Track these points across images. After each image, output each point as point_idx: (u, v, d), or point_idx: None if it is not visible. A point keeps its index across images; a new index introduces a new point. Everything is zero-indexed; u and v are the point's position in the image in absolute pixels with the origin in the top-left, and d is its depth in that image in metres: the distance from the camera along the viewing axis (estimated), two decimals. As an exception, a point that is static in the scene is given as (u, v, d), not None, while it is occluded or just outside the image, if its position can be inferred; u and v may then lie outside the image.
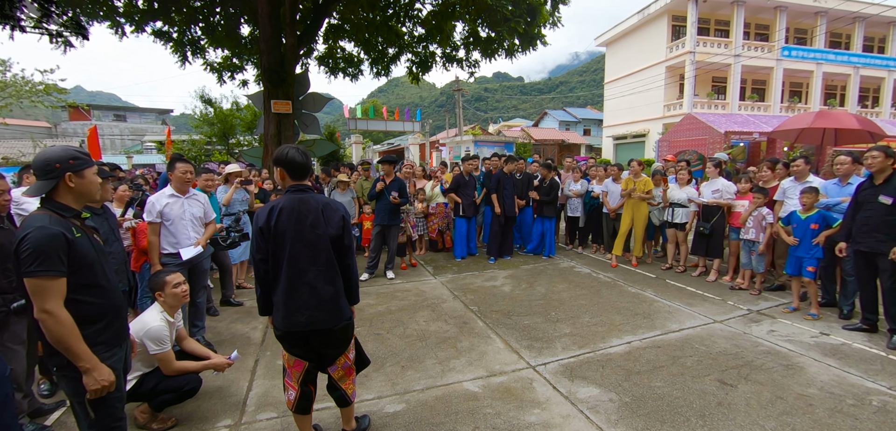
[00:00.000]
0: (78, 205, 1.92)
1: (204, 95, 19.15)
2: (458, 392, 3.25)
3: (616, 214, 7.05)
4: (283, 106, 8.60)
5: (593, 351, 3.90)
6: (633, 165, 6.79)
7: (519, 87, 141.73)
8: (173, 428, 2.80)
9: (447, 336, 4.30)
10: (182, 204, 3.89)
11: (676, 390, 3.21)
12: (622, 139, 26.89)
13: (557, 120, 42.38)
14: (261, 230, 2.29)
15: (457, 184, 7.22)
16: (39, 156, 1.85)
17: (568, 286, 5.89)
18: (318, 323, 2.31)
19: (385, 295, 5.59)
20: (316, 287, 2.30)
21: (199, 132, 19.31)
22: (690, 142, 15.63)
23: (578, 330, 4.40)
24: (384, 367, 3.67)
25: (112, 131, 31.14)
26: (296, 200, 2.30)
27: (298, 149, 2.35)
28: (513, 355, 3.88)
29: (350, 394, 2.56)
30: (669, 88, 24.14)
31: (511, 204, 7.17)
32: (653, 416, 2.90)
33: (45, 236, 1.71)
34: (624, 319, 4.66)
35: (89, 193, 1.96)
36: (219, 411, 3.02)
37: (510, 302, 5.28)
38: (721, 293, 5.47)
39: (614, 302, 5.22)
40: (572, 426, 2.82)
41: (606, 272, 6.57)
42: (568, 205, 7.95)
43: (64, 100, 16.58)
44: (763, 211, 5.20)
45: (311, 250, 2.29)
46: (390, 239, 6.44)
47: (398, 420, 2.91)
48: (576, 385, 3.33)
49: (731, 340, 4.09)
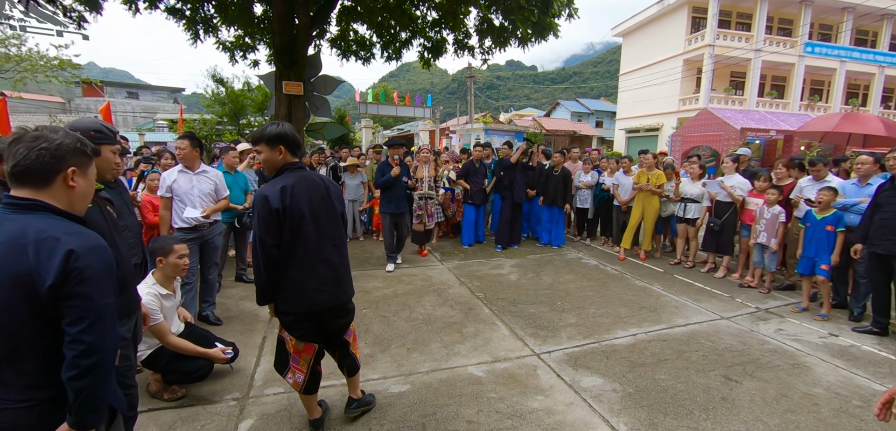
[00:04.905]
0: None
1: (216, 74, 19.19)
2: (463, 376, 3.29)
3: (626, 207, 7.00)
4: (295, 87, 8.60)
5: (598, 342, 3.91)
6: (647, 158, 6.71)
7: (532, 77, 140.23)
8: (183, 400, 2.88)
9: (453, 321, 4.34)
10: (190, 179, 3.95)
11: (680, 383, 3.21)
12: (635, 132, 26.54)
13: (570, 111, 41.88)
14: (277, 212, 2.14)
15: (466, 171, 7.21)
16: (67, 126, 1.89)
17: (575, 277, 5.88)
18: (338, 297, 2.36)
19: (392, 279, 5.64)
20: (332, 262, 2.32)
21: (211, 111, 19.41)
22: (705, 138, 15.37)
23: (584, 320, 4.40)
24: (390, 349, 3.72)
25: (125, 108, 31.40)
26: (301, 177, 2.27)
27: (289, 125, 2.30)
28: (517, 342, 3.90)
29: (358, 358, 2.68)
30: (686, 82, 23.70)
31: (520, 190, 7.14)
32: (656, 408, 2.91)
33: None
34: (630, 312, 4.65)
35: (102, 169, 1.99)
36: (227, 385, 3.09)
37: (516, 290, 5.30)
38: (729, 290, 5.43)
39: (621, 294, 5.20)
40: (575, 414, 2.85)
41: (614, 264, 6.54)
42: (577, 196, 7.90)
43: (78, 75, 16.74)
44: (776, 210, 5.13)
45: (326, 226, 2.31)
46: (402, 227, 6.22)
47: (403, 400, 2.96)
48: (580, 374, 3.35)
49: (738, 337, 4.06)
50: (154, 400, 2.86)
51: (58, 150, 1.30)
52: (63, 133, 1.33)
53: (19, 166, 1.26)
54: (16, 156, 1.26)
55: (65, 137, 1.33)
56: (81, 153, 1.37)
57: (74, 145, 1.35)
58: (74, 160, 1.34)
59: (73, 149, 1.34)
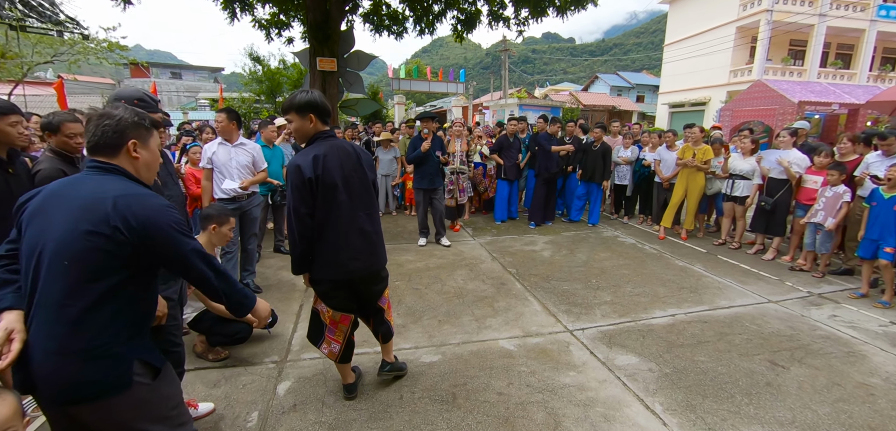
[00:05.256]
0: None
1: (252, 53, 19.67)
2: (494, 349, 3.29)
3: (669, 184, 6.69)
4: (328, 63, 8.68)
5: (634, 321, 3.80)
6: (694, 132, 6.34)
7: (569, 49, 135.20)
8: (226, 361, 3.04)
9: (484, 295, 4.33)
10: (229, 151, 4.08)
11: (722, 366, 3.08)
12: (679, 107, 25.21)
13: (609, 85, 40.24)
14: (309, 181, 2.13)
15: (500, 146, 7.09)
16: (114, 92, 2.00)
17: (610, 255, 5.72)
18: (372, 265, 2.39)
19: (424, 253, 5.68)
20: (366, 230, 2.34)
21: (249, 90, 19.98)
22: (757, 113, 14.38)
23: (619, 298, 4.28)
24: (422, 320, 3.77)
25: (169, 88, 32.83)
26: (333, 146, 2.25)
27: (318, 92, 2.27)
28: (550, 318, 3.85)
29: (392, 325, 2.74)
30: (738, 52, 22.14)
31: (555, 167, 6.96)
32: (694, 390, 2.80)
33: None
34: (669, 291, 4.48)
35: None
36: (267, 349, 3.24)
37: (549, 266, 5.21)
38: (779, 273, 5.12)
39: (659, 273, 5.02)
40: (608, 391, 2.79)
41: (653, 243, 6.31)
42: (616, 172, 7.61)
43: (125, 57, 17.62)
44: (839, 189, 4.74)
45: (358, 194, 2.31)
46: (437, 201, 5.99)
47: (434, 370, 3.00)
48: (614, 352, 3.27)
49: (787, 322, 3.84)
50: (200, 360, 3.04)
51: (118, 125, 1.44)
52: (123, 109, 1.48)
53: (92, 141, 1.44)
54: (89, 132, 1.44)
55: (124, 113, 1.47)
56: (140, 126, 1.50)
57: (133, 120, 1.48)
58: (134, 133, 1.48)
59: (132, 123, 1.48)
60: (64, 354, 1.29)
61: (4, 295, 1.35)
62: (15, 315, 1.32)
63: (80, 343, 1.30)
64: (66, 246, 1.29)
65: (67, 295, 1.29)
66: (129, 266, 1.36)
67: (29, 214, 1.38)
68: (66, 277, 1.29)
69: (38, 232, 1.34)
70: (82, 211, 1.31)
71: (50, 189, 1.41)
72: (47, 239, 1.31)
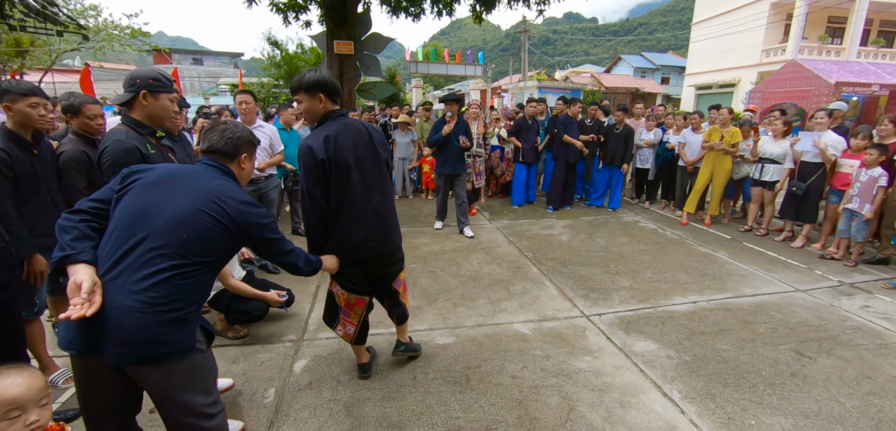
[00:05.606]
0: (151, 124, 2.08)
1: (270, 37, 19.79)
2: (509, 332, 3.27)
3: (693, 168, 6.47)
4: (346, 46, 8.64)
5: (653, 307, 3.72)
6: (721, 113, 6.09)
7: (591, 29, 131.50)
8: (245, 339, 3.11)
9: (500, 278, 4.30)
10: (247, 132, 4.12)
11: (744, 355, 2.99)
12: (706, 89, 24.31)
13: (633, 66, 39.04)
14: (321, 162, 2.11)
15: (518, 128, 6.96)
16: (130, 72, 2.02)
17: (630, 240, 5.60)
18: (386, 245, 2.38)
19: (439, 236, 5.67)
20: (380, 210, 2.32)
21: (267, 74, 20.16)
22: (790, 95, 13.74)
23: (639, 284, 4.20)
24: (436, 302, 3.77)
25: (191, 74, 33.41)
26: (344, 126, 2.22)
27: (327, 71, 2.25)
28: (566, 302, 3.80)
29: (408, 308, 2.75)
30: (772, 30, 21.12)
31: (575, 150, 6.80)
32: (715, 378, 2.73)
33: (121, 149, 1.90)
34: (690, 278, 4.36)
35: (159, 115, 2.09)
36: (284, 328, 3.30)
37: (567, 251, 5.14)
38: (808, 261, 4.92)
39: (681, 260, 4.89)
40: (625, 377, 2.75)
41: (675, 229, 6.14)
42: (638, 155, 7.40)
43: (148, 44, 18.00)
44: (876, 172, 4.50)
45: (371, 174, 2.29)
46: (459, 187, 5.75)
47: (448, 352, 3.00)
48: (632, 338, 3.21)
49: (815, 311, 3.69)
50: (219, 338, 3.11)
51: (238, 140, 1.73)
52: (242, 129, 1.76)
53: (214, 146, 1.70)
54: (209, 140, 1.71)
55: (243, 132, 1.75)
56: (251, 144, 1.80)
57: (248, 138, 1.78)
58: (246, 148, 1.77)
59: (246, 141, 1.77)
60: (146, 314, 1.37)
61: (85, 248, 1.41)
62: (93, 269, 1.38)
63: (164, 305, 1.41)
64: (187, 221, 1.47)
65: (172, 261, 1.42)
66: (227, 251, 1.59)
67: (143, 185, 1.52)
68: (178, 245, 1.44)
69: (153, 202, 1.48)
70: (208, 198, 1.53)
71: (168, 169, 1.60)
72: (163, 211, 1.46)
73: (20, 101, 2.28)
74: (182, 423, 1.59)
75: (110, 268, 1.40)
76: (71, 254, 1.38)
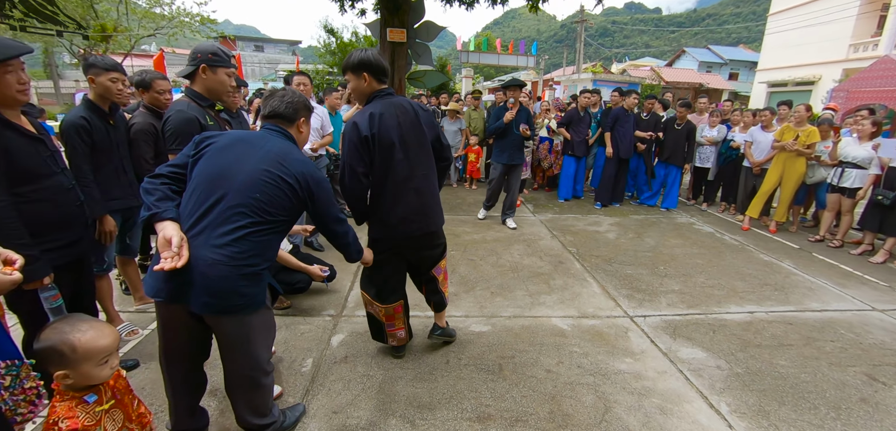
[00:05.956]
0: (210, 96, 2.21)
1: (327, 25, 20.44)
2: (546, 326, 3.20)
3: (761, 169, 5.98)
4: (398, 34, 8.72)
5: (704, 314, 3.49)
6: (798, 110, 5.56)
7: (654, 20, 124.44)
8: (288, 310, 3.26)
9: (540, 271, 4.21)
10: (301, 114, 4.28)
11: (806, 374, 2.73)
12: (780, 86, 22.33)
13: (698, 60, 36.57)
14: (365, 140, 2.13)
15: (569, 119, 6.74)
16: (193, 47, 2.18)
17: (683, 242, 5.28)
18: (426, 226, 2.37)
19: (481, 226, 5.64)
20: (421, 190, 2.31)
21: (322, 62, 20.89)
22: (880, 94, 12.31)
23: (690, 289, 3.95)
24: (474, 290, 3.76)
25: (252, 60, 35.34)
26: (390, 104, 2.23)
27: (376, 51, 2.26)
28: (609, 301, 3.66)
29: (446, 297, 2.76)
30: (863, 21, 18.97)
31: (627, 145, 6.48)
32: (769, 394, 2.52)
33: (182, 119, 2.05)
34: (748, 287, 4.05)
35: (217, 89, 2.23)
36: (324, 304, 3.42)
37: (613, 249, 4.94)
38: (889, 278, 4.42)
39: (739, 267, 4.55)
40: (668, 383, 2.60)
41: (734, 234, 5.72)
42: (697, 153, 6.94)
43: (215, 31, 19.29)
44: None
45: (415, 153, 2.28)
46: (514, 179, 5.49)
47: (482, 340, 2.98)
48: (678, 343, 3.03)
49: (894, 334, 3.31)
50: (267, 306, 3.29)
51: (296, 105, 1.83)
52: (299, 95, 1.86)
53: (275, 111, 1.81)
54: (271, 105, 1.81)
55: (300, 98, 1.85)
56: (307, 109, 1.90)
57: (305, 103, 1.88)
58: (304, 113, 1.87)
59: (304, 106, 1.87)
60: (228, 267, 1.53)
61: (169, 207, 1.57)
62: (178, 226, 1.53)
63: (242, 260, 1.55)
64: (259, 181, 1.59)
65: (248, 219, 1.56)
66: (294, 210, 1.71)
67: (216, 149, 1.66)
68: (252, 205, 1.57)
69: (227, 165, 1.61)
70: (275, 160, 1.65)
71: (237, 134, 1.74)
72: (237, 172, 1.59)
73: (103, 75, 2.52)
74: (243, 374, 1.76)
75: (194, 224, 1.55)
76: (157, 213, 1.54)
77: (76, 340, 1.25)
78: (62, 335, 1.26)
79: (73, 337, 1.26)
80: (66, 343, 1.25)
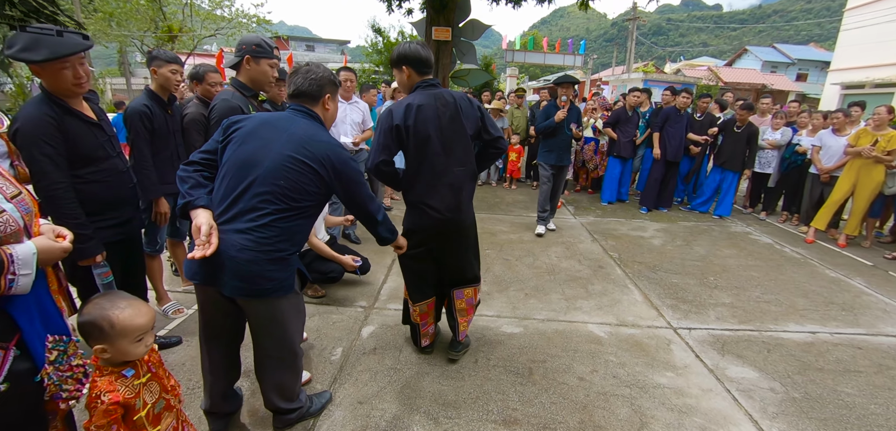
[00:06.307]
0: (253, 87, 2.28)
1: (374, 24, 20.86)
2: (581, 332, 3.07)
3: (830, 177, 5.45)
4: (443, 33, 8.74)
5: (758, 330, 3.22)
6: (879, 113, 5.02)
7: (713, 18, 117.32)
8: (322, 298, 3.33)
9: (578, 275, 4.06)
10: (344, 108, 4.37)
11: (877, 405, 2.45)
12: (857, 88, 20.35)
13: (761, 59, 34.13)
14: (396, 129, 2.12)
15: (616, 119, 6.46)
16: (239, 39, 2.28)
17: (737, 252, 4.92)
18: (456, 219, 2.31)
19: (519, 226, 5.52)
20: (456, 186, 2.26)
21: (370, 61, 21.35)
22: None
23: (742, 302, 3.67)
24: (508, 290, 3.68)
25: (303, 59, 36.82)
26: (431, 95, 2.19)
27: (420, 43, 2.24)
28: (652, 310, 3.46)
29: (460, 332, 2.59)
30: (957, 17, 16.93)
31: (677, 147, 6.12)
32: (831, 424, 2.28)
33: (226, 107, 2.12)
34: (811, 304, 3.70)
35: (260, 79, 2.30)
36: (358, 295, 3.47)
37: (658, 256, 4.68)
38: None
39: (801, 282, 4.17)
40: (712, 402, 2.41)
41: (796, 246, 5.26)
42: (757, 158, 6.43)
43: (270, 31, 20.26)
44: None
45: (453, 147, 2.23)
46: (559, 181, 5.22)
47: (513, 341, 2.90)
48: (726, 361, 2.81)
49: None
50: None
51: (321, 80, 1.76)
52: (323, 69, 1.79)
53: (299, 89, 1.75)
54: (295, 83, 1.75)
55: (324, 73, 1.78)
56: (333, 84, 1.82)
57: (330, 78, 1.80)
58: (330, 88, 1.80)
59: (329, 81, 1.80)
60: (257, 252, 1.56)
61: (201, 195, 1.63)
62: (210, 213, 1.60)
63: (271, 245, 1.58)
64: (282, 168, 1.59)
65: (273, 205, 1.57)
66: (321, 194, 1.69)
67: (243, 134, 1.66)
68: (277, 192, 1.58)
69: (254, 150, 1.62)
70: (298, 144, 1.63)
71: (262, 118, 1.71)
72: (263, 158, 1.60)
73: (164, 67, 2.72)
74: (273, 356, 1.81)
75: (225, 210, 1.60)
76: (190, 201, 1.61)
77: (115, 316, 1.31)
78: (102, 310, 1.32)
79: (112, 313, 1.32)
80: (106, 318, 1.31)
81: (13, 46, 1.65)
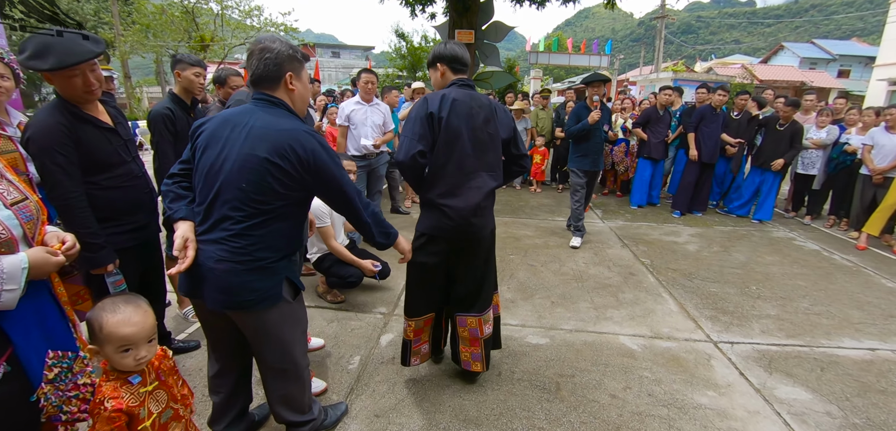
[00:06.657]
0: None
1: (398, 29, 21.02)
2: (612, 344, 2.88)
3: (883, 178, 5.04)
4: (466, 35, 8.66)
5: (809, 346, 2.95)
6: None
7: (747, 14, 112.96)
8: (342, 304, 3.26)
9: (608, 283, 3.85)
10: (365, 110, 4.32)
11: (954, 433, 2.17)
12: (907, 84, 19.11)
13: (799, 56, 32.57)
14: (431, 116, 1.99)
15: (646, 118, 6.18)
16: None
17: (781, 260, 4.59)
18: (475, 228, 2.14)
19: (544, 230, 5.34)
20: (482, 190, 2.11)
21: (393, 66, 21.52)
22: None
23: (789, 314, 3.39)
24: (533, 298, 3.51)
25: (329, 66, 37.70)
26: (466, 94, 2.08)
27: (456, 42, 2.14)
28: (689, 322, 3.23)
29: (463, 363, 2.33)
30: None
31: (712, 148, 5.80)
32: (902, 454, 2.03)
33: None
34: (868, 318, 3.39)
35: None
36: (377, 301, 3.38)
37: (694, 262, 4.41)
38: None
39: (854, 292, 3.84)
40: (760, 426, 2.19)
41: (847, 253, 4.87)
42: (800, 158, 6.02)
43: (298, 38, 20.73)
44: None
45: (483, 149, 2.10)
46: (592, 188, 4.99)
47: (539, 353, 2.75)
48: (775, 379, 2.57)
49: None
50: (319, 300, 3.32)
51: (277, 58, 1.52)
52: (279, 42, 1.56)
53: (256, 74, 1.54)
54: (252, 66, 1.54)
55: (281, 46, 1.55)
56: (294, 59, 1.58)
57: (288, 53, 1.56)
58: (290, 65, 1.56)
59: (287, 56, 1.55)
60: (233, 263, 1.46)
61: (179, 207, 1.55)
62: (188, 225, 1.51)
63: (248, 255, 1.47)
64: (244, 170, 1.44)
65: (241, 212, 1.45)
66: (292, 191, 1.51)
67: (205, 138, 1.54)
68: (242, 196, 1.45)
69: (216, 155, 1.49)
70: (258, 140, 1.45)
71: (223, 116, 1.56)
72: (225, 161, 1.46)
73: (188, 70, 2.72)
74: (273, 368, 1.72)
75: (202, 221, 1.51)
76: (170, 215, 1.53)
77: (105, 320, 1.25)
78: (100, 311, 1.27)
79: (104, 315, 1.25)
80: (97, 319, 1.25)
81: (24, 52, 1.62)
